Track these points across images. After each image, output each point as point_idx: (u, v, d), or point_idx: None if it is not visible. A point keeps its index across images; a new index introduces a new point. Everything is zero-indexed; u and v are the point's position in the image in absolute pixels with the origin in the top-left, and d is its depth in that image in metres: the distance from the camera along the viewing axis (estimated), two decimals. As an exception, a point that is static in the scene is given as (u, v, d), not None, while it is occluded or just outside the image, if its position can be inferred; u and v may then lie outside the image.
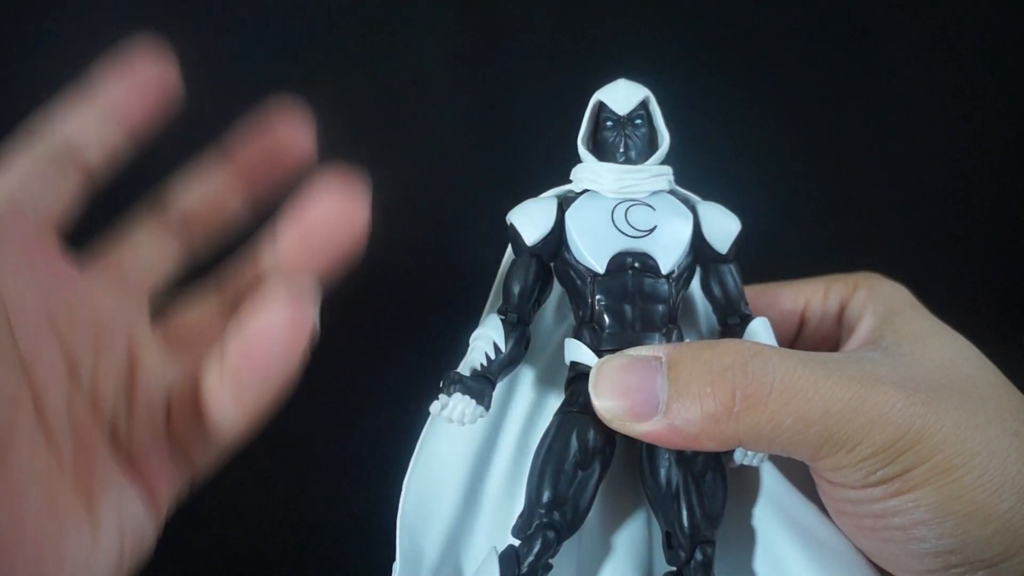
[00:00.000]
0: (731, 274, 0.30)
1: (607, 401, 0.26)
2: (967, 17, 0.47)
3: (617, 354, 0.27)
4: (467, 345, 0.28)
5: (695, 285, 0.31)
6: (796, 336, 0.33)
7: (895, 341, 0.28)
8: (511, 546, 0.26)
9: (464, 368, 0.27)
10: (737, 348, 0.25)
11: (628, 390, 0.25)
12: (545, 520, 0.26)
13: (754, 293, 0.32)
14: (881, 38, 0.47)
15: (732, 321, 0.29)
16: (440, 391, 0.27)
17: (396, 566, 0.27)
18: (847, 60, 0.47)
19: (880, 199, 0.46)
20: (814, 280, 0.32)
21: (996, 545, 0.24)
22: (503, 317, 0.28)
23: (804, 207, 0.45)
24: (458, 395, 0.26)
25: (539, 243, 0.29)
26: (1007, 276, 0.44)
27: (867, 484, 0.25)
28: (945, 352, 0.27)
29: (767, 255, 0.33)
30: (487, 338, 0.28)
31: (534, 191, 0.30)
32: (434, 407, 0.26)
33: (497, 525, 0.28)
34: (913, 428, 0.24)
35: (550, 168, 0.31)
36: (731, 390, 0.24)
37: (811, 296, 0.32)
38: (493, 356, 0.27)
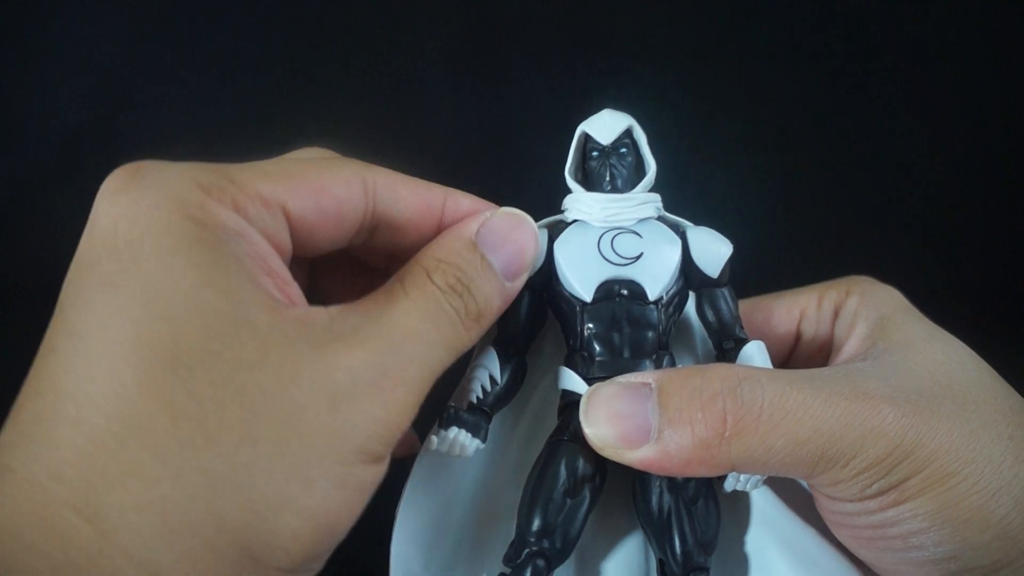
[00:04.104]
0: (724, 298, 0.30)
1: (598, 429, 0.26)
2: (948, 27, 0.47)
3: (607, 381, 0.27)
4: (463, 373, 0.29)
5: (691, 309, 0.31)
6: (793, 348, 0.33)
7: (887, 348, 0.28)
8: (502, 574, 0.26)
9: (460, 401, 0.28)
10: (726, 373, 0.25)
11: (619, 417, 0.26)
12: (535, 548, 0.26)
13: (748, 308, 0.32)
14: (862, 56, 0.47)
15: (727, 345, 0.29)
16: (437, 426, 0.27)
17: None
18: (833, 78, 0.47)
19: (867, 209, 0.45)
20: (807, 289, 0.32)
21: (995, 551, 0.24)
22: (499, 349, 0.29)
23: (794, 219, 0.44)
24: (455, 429, 0.27)
25: (531, 274, 0.29)
26: (999, 279, 0.43)
27: (864, 496, 0.25)
28: (938, 357, 0.27)
29: (761, 268, 0.33)
30: (483, 370, 0.28)
31: (532, 197, 0.30)
32: (430, 441, 0.27)
33: (490, 556, 0.28)
34: (906, 439, 0.24)
35: (548, 172, 0.31)
36: (721, 415, 0.25)
37: (805, 306, 0.32)
38: (489, 388, 0.28)
